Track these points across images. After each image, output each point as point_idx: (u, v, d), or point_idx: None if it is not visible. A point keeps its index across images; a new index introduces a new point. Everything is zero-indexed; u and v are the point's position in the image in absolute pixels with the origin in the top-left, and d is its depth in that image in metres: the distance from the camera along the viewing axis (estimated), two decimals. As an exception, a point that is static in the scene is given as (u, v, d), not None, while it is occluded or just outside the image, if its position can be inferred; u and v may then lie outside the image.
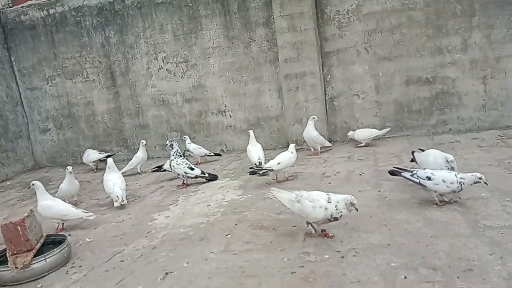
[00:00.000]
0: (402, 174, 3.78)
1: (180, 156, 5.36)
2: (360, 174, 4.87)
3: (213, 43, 7.12)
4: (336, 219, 3.12)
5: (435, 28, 6.15)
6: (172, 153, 5.33)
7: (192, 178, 5.35)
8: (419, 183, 3.57)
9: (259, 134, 7.15)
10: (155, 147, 7.73)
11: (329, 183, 4.72)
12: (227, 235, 3.56)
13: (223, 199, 4.59)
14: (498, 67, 5.98)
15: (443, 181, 3.40)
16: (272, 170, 4.92)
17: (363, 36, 6.46)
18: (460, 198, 3.57)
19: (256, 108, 7.14)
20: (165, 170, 5.93)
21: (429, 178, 3.48)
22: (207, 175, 5.40)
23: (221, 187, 5.13)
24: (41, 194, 4.19)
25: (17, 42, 8.18)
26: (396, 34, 6.32)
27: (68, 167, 4.96)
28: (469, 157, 4.88)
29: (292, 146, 5.12)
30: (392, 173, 3.93)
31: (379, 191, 4.19)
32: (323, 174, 5.11)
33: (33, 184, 4.24)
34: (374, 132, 6.18)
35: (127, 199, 4.88)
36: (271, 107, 7.06)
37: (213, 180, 5.44)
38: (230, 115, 7.31)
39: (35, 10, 7.95)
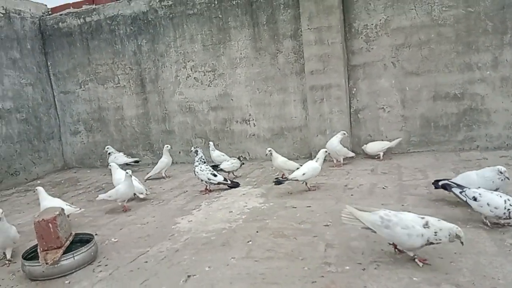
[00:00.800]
0: (453, 189, 3.61)
1: (204, 162, 5.47)
2: (384, 188, 4.84)
3: (241, 54, 7.26)
4: (431, 243, 2.77)
5: (465, 45, 6.08)
6: (196, 159, 5.45)
7: (215, 184, 5.45)
8: (466, 202, 3.41)
9: (282, 143, 7.23)
10: (179, 152, 7.90)
11: (352, 195, 4.71)
12: (248, 241, 3.61)
13: (245, 206, 4.66)
14: (529, 85, 5.86)
15: (488, 204, 3.20)
16: (297, 180, 4.95)
17: (391, 50, 6.45)
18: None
19: (280, 118, 7.21)
20: (221, 170, 6.00)
21: (475, 199, 3.30)
22: (229, 182, 5.50)
23: (243, 194, 5.20)
24: (42, 197, 4.63)
25: (54, 48, 8.57)
26: (424, 50, 6.29)
27: (127, 171, 4.97)
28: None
29: (322, 152, 5.12)
30: (441, 186, 3.81)
31: (402, 205, 4.15)
32: (346, 186, 5.11)
33: (36, 189, 4.79)
34: (385, 144, 6.24)
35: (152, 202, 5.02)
36: (295, 117, 7.11)
37: (234, 187, 5.53)
38: (254, 124, 7.40)
39: (73, 18, 8.33)
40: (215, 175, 5.41)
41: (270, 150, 5.54)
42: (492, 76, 6.00)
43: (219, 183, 5.43)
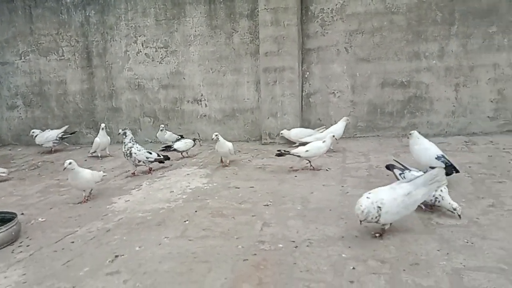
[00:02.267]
0: (394, 170, 3.72)
1: (136, 142, 5.22)
2: (327, 170, 4.90)
3: (195, 31, 7.03)
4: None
5: (415, 34, 6.23)
6: (127, 141, 5.08)
7: (152, 162, 5.26)
8: None
9: (233, 125, 7.14)
10: (127, 131, 7.59)
11: (296, 176, 4.73)
12: (185, 221, 3.52)
13: (188, 186, 4.54)
14: (471, 76, 6.11)
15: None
16: (299, 156, 4.89)
17: (345, 36, 6.49)
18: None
19: (233, 99, 7.10)
20: (175, 150, 5.90)
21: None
22: (161, 157, 5.38)
23: (187, 174, 5.08)
24: None
25: (-9, 14, 7.90)
26: (376, 37, 6.37)
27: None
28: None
29: (329, 137, 4.99)
30: (388, 167, 3.88)
31: (342, 186, 4.22)
32: (291, 167, 5.12)
33: None
34: (309, 132, 6.07)
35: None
36: (248, 99, 7.03)
37: (166, 160, 5.45)
38: (206, 104, 7.25)
39: (13, -18, 7.69)
40: (150, 153, 5.23)
41: (216, 135, 5.19)
42: (437, 65, 6.20)
43: (155, 160, 5.29)
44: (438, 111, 6.32)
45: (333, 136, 5.12)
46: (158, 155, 5.33)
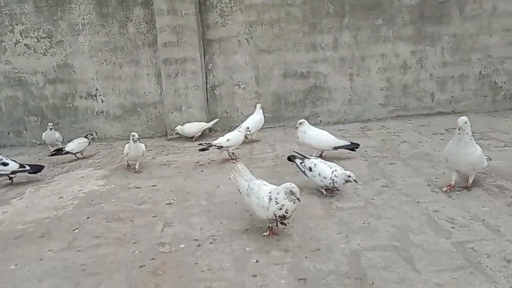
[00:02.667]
0: (295, 160, 3.72)
1: None
2: (234, 162, 4.81)
3: (84, 19, 6.40)
4: (283, 217, 2.59)
5: (311, 26, 6.43)
6: None
7: (7, 175, 4.38)
8: (304, 172, 3.55)
9: (136, 121, 6.71)
10: (8, 133, 6.68)
11: (202, 171, 4.56)
12: (74, 230, 3.13)
13: (80, 191, 4.09)
14: (363, 65, 6.52)
15: (319, 174, 3.37)
16: (221, 147, 4.68)
17: (245, 27, 6.44)
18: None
19: (133, 93, 6.64)
20: (67, 153, 5.29)
21: (310, 169, 3.45)
22: (28, 168, 4.47)
23: (81, 177, 4.60)
24: None
25: None
26: (275, 28, 6.44)
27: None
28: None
29: (244, 128, 5.04)
30: (289, 159, 3.85)
31: (248, 178, 4.15)
32: (197, 162, 4.94)
33: None
34: (203, 125, 6.12)
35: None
36: (149, 93, 6.63)
37: (35, 173, 4.56)
38: (102, 99, 6.67)
39: None
40: (5, 164, 4.33)
41: (133, 135, 4.57)
42: (333, 56, 6.49)
43: (13, 172, 4.39)
44: (336, 99, 6.64)
45: (247, 127, 5.13)
46: (22, 166, 4.42)
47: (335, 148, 4.45)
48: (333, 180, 3.29)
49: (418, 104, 6.61)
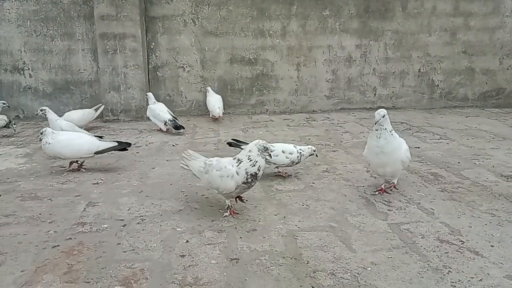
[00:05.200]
0: (242, 146, 3.49)
1: None
2: (173, 145, 4.57)
3: (11, -17, 5.75)
4: (255, 176, 2.45)
5: (259, 11, 6.28)
6: None
7: None
8: None
9: (68, 100, 6.19)
10: None
11: (137, 152, 4.27)
12: (-20, 207, 2.73)
13: (-6, 168, 3.63)
14: (310, 56, 6.50)
15: (283, 151, 3.20)
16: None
17: (191, 6, 6.15)
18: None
19: (66, 70, 6.09)
20: None
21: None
22: None
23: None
24: None
25: None
26: (223, 10, 6.22)
27: None
28: (278, 133, 5.10)
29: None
30: (230, 144, 3.63)
31: (187, 160, 3.93)
32: (134, 144, 4.61)
33: None
34: (89, 113, 5.28)
35: None
36: (84, 70, 6.13)
37: None
38: (30, 74, 6.05)
39: None
40: None
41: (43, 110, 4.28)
42: (281, 44, 6.41)
43: None
44: (283, 89, 6.57)
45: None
46: None
47: (98, 152, 3.50)
48: (300, 153, 3.26)
49: (361, 98, 6.73)
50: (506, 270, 1.95)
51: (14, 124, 5.02)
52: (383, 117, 2.73)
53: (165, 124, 5.06)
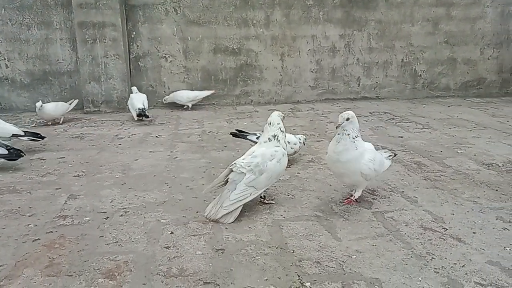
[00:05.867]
0: (248, 137, 3.54)
1: None
2: (157, 137, 4.50)
3: (-17, -30, 5.52)
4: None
5: (242, 0, 6.20)
6: None
7: None
8: None
9: (47, 91, 6.03)
10: None
11: (120, 144, 4.19)
12: (-46, 202, 2.63)
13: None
14: (294, 46, 6.47)
15: (288, 142, 3.01)
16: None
17: (173, -6, 6.03)
18: None
19: (43, 60, 5.92)
20: None
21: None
22: None
23: (-26, 147, 3.96)
24: None
25: None
26: (206, -1, 6.12)
27: None
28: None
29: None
30: (235, 135, 3.62)
31: (171, 151, 3.89)
32: (116, 135, 4.54)
33: None
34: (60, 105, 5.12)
35: None
36: (63, 60, 5.96)
37: None
38: (6, 65, 5.86)
39: None
40: None
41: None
42: (264, 34, 6.35)
43: None
44: (267, 79, 6.53)
45: None
46: None
47: None
48: (300, 140, 3.45)
49: (345, 88, 6.75)
50: (487, 255, 1.98)
51: None
52: (347, 120, 2.40)
53: (136, 112, 5.07)
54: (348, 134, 2.42)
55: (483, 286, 1.74)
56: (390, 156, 2.82)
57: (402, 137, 4.33)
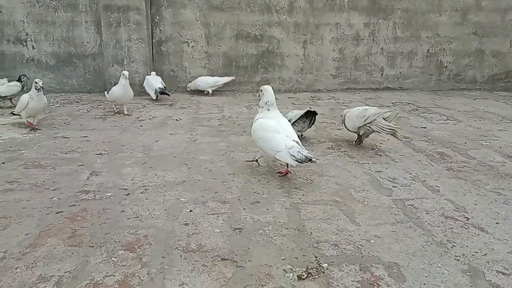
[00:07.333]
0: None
1: None
2: (177, 120, 4.55)
3: (13, -49, 5.62)
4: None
5: (266, -15, 6.15)
6: None
7: None
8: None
9: (71, 73, 6.14)
10: None
11: (141, 126, 4.25)
12: (-17, 173, 2.73)
13: (-1, 137, 3.63)
14: (317, 33, 6.38)
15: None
16: None
17: (196, -22, 6.02)
18: None
19: (69, 42, 6.02)
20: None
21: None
22: None
23: (2, 124, 4.10)
24: None
25: None
26: (229, -16, 6.09)
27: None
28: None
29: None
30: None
31: (191, 134, 3.92)
32: (137, 118, 4.60)
33: None
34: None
35: None
36: (88, 42, 6.05)
37: None
38: (33, 46, 5.99)
39: None
40: None
41: None
42: (287, 21, 6.29)
43: None
44: (288, 67, 6.48)
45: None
46: None
47: None
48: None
49: (368, 78, 6.64)
50: (511, 246, 1.93)
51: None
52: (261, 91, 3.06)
53: (154, 92, 5.34)
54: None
55: (506, 275, 1.70)
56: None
57: (425, 127, 4.24)
